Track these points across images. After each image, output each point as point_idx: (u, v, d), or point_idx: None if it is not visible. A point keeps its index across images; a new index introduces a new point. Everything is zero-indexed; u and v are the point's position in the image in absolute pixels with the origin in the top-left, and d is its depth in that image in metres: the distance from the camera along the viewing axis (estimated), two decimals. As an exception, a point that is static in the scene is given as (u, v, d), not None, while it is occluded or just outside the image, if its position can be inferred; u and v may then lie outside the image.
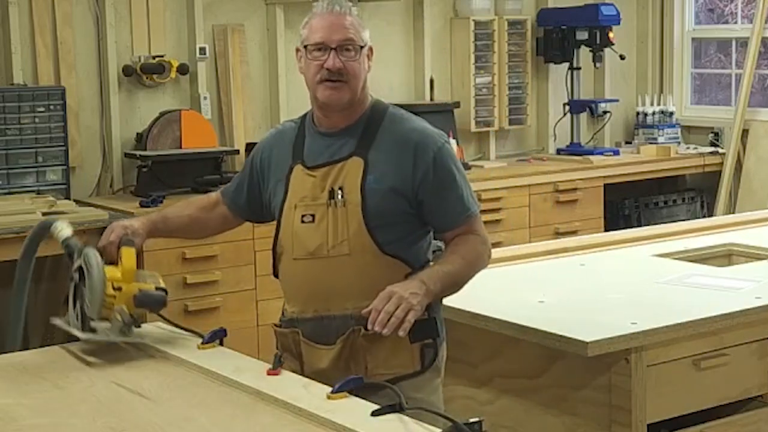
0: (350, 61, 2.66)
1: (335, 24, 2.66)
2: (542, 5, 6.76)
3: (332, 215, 2.65)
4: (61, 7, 5.24)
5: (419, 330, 2.63)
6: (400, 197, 2.65)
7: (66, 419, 2.27)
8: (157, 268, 4.80)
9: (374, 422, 2.16)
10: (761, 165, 6.66)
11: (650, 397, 2.93)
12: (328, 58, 2.65)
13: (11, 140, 4.97)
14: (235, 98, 5.70)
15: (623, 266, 3.77)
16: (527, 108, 6.69)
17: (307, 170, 2.70)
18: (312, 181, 2.69)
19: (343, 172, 2.67)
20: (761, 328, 3.16)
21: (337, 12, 2.68)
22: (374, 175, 2.65)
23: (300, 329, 2.73)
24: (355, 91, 2.68)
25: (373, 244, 2.64)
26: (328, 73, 2.65)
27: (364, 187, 2.64)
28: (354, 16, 2.70)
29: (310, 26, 2.70)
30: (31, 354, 2.92)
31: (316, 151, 2.73)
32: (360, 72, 2.68)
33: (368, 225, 2.63)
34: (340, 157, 2.69)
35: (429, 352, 2.70)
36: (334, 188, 2.66)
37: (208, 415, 2.27)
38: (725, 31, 7.17)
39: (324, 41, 2.65)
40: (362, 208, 2.63)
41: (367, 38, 2.72)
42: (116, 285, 2.62)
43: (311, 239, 2.67)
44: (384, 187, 2.64)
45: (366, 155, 2.67)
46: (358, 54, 2.67)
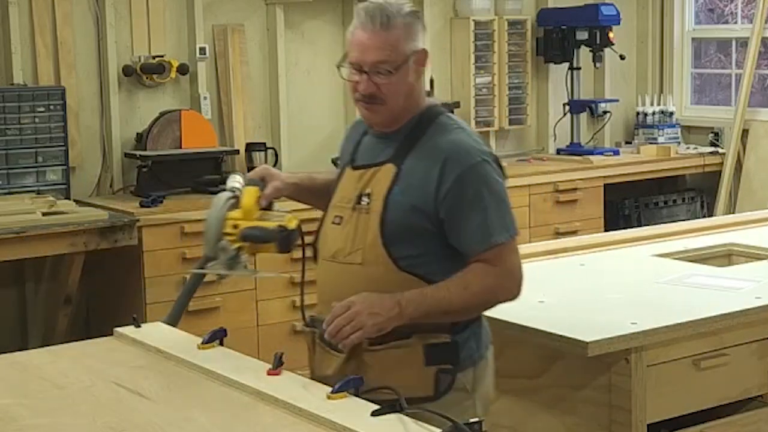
0: (385, 84, 2.52)
1: (370, 43, 2.50)
2: (542, 5, 6.76)
3: (355, 221, 2.56)
4: (61, 7, 5.24)
5: (435, 353, 2.51)
6: (420, 213, 2.50)
7: (66, 419, 2.27)
8: (157, 268, 4.87)
9: (374, 422, 2.16)
10: (761, 165, 6.66)
11: (650, 397, 2.93)
12: (361, 81, 2.54)
13: (11, 140, 4.97)
14: (235, 98, 5.70)
15: (623, 266, 3.77)
16: (527, 108, 6.68)
17: (353, 170, 2.64)
18: (352, 183, 2.61)
19: (375, 178, 2.57)
20: (761, 328, 3.16)
21: (375, 27, 2.50)
22: (400, 186, 2.52)
23: (318, 330, 2.63)
24: (393, 109, 2.56)
25: (388, 257, 2.51)
26: (361, 96, 2.56)
27: (388, 198, 2.52)
28: (397, 28, 2.51)
29: (351, 38, 2.56)
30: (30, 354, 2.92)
31: (364, 151, 2.66)
32: (398, 91, 2.53)
33: (384, 237, 2.51)
34: (377, 161, 2.59)
35: (445, 378, 2.53)
36: (363, 193, 2.57)
37: (208, 415, 2.27)
38: (725, 31, 7.17)
39: (357, 62, 2.53)
40: (381, 219, 2.52)
41: (414, 46, 2.54)
42: (236, 224, 2.62)
43: (334, 242, 2.60)
44: (405, 200, 2.51)
45: (401, 163, 2.54)
46: (395, 74, 2.51)
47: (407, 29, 2.54)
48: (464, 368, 2.57)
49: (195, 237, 4.97)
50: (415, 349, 2.51)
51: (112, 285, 5.09)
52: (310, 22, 5.92)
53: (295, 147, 5.95)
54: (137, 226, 4.76)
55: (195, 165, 5.37)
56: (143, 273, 4.87)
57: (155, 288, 4.88)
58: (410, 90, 2.56)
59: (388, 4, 2.53)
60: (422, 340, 2.51)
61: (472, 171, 2.49)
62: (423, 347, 2.51)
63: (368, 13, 2.51)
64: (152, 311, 4.79)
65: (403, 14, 2.53)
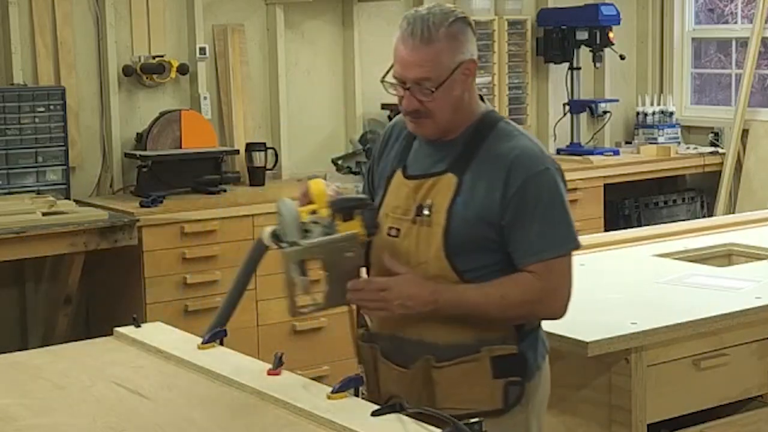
0: (428, 101, 2.42)
1: (411, 58, 2.40)
2: (542, 5, 6.76)
3: (416, 234, 2.46)
4: (61, 7, 5.24)
5: (505, 365, 2.45)
6: (485, 225, 2.42)
7: (66, 419, 2.27)
8: (157, 268, 4.87)
9: (374, 422, 2.16)
10: (761, 165, 6.66)
11: (650, 397, 2.93)
12: (405, 96, 2.45)
13: (11, 140, 4.96)
14: (235, 98, 5.70)
15: (623, 266, 3.77)
16: (527, 108, 6.68)
17: (405, 179, 2.53)
18: (406, 192, 2.50)
19: (435, 189, 2.46)
20: (761, 328, 3.17)
21: (415, 41, 2.39)
22: (463, 198, 2.43)
23: (377, 346, 2.58)
24: (441, 123, 2.46)
25: (453, 271, 2.43)
26: (405, 110, 2.47)
27: (451, 210, 2.43)
28: (440, 41, 2.39)
29: (395, 51, 2.46)
30: (31, 354, 2.92)
31: (417, 159, 2.54)
32: (443, 106, 2.43)
33: (448, 251, 2.42)
34: (435, 171, 2.48)
35: (515, 390, 2.46)
36: (423, 204, 2.46)
37: (208, 415, 2.27)
38: (725, 31, 7.17)
39: (399, 78, 2.45)
40: (444, 232, 2.42)
41: (460, 58, 2.42)
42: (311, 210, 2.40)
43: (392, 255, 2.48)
44: (470, 213, 2.42)
45: (462, 173, 2.45)
46: (438, 90, 2.41)
47: (451, 40, 2.41)
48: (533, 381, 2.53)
49: (195, 237, 4.98)
50: (483, 363, 2.45)
51: (112, 285, 5.09)
52: (310, 22, 5.92)
53: (295, 147, 5.95)
54: (137, 226, 4.75)
55: (195, 165, 5.36)
56: (143, 273, 4.86)
57: (155, 288, 4.88)
58: (458, 102, 2.46)
59: (432, 13, 2.41)
60: (489, 353, 2.45)
61: (538, 178, 2.41)
62: (490, 360, 2.45)
63: (410, 26, 2.40)
64: (152, 311, 4.79)
65: (448, 24, 2.41)
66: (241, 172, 5.61)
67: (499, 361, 2.45)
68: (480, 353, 2.45)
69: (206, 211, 5.05)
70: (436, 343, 2.46)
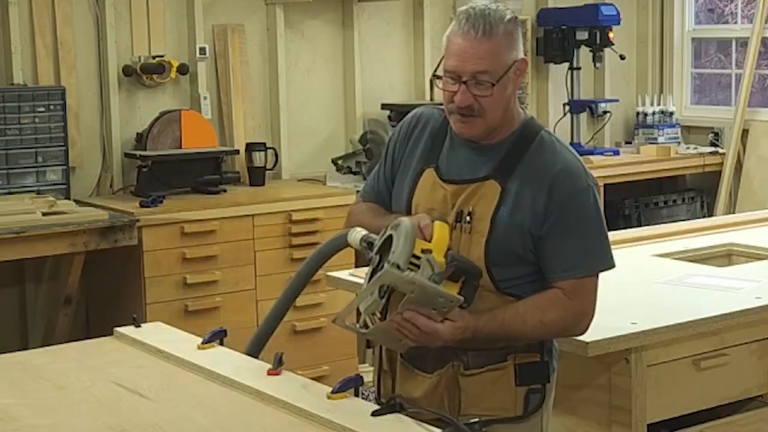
0: (483, 96, 2.38)
1: (470, 52, 2.36)
2: (542, 5, 6.76)
3: (455, 240, 2.41)
4: (61, 7, 5.24)
5: (528, 372, 2.47)
6: (527, 236, 2.40)
7: (66, 419, 2.27)
8: (157, 268, 4.87)
9: (374, 422, 2.17)
10: (761, 165, 6.66)
11: (650, 397, 2.93)
12: (458, 92, 2.38)
13: (11, 140, 4.96)
14: (235, 98, 5.70)
15: (623, 266, 3.75)
16: (527, 108, 6.68)
17: (441, 181, 2.47)
18: (443, 195, 2.45)
19: (477, 195, 2.42)
20: (761, 328, 3.17)
21: (476, 35, 2.35)
22: (507, 207, 2.39)
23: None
24: (491, 123, 2.42)
25: (490, 281, 2.40)
26: (458, 108, 2.41)
27: (495, 219, 2.39)
28: (499, 37, 2.37)
29: (447, 46, 2.41)
30: (31, 354, 2.92)
31: (454, 161, 2.48)
32: (497, 104, 2.39)
33: (488, 261, 2.39)
34: (477, 176, 2.44)
35: (535, 398, 2.48)
36: (464, 210, 2.42)
37: (208, 415, 2.27)
38: (725, 31, 7.16)
39: (455, 71, 2.38)
40: (487, 240, 2.39)
41: (515, 56, 2.40)
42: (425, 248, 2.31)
43: None
44: (513, 222, 2.39)
45: (505, 181, 2.41)
46: (495, 86, 2.37)
47: (509, 37, 2.40)
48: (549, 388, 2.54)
49: (195, 237, 4.97)
50: (508, 370, 2.46)
51: (112, 285, 5.08)
52: (310, 22, 5.92)
53: (295, 147, 5.95)
54: (137, 226, 4.75)
55: (195, 165, 5.36)
56: (143, 273, 4.86)
57: (155, 288, 4.88)
58: (508, 102, 2.44)
59: (491, 9, 2.39)
60: (514, 361, 2.46)
61: (580, 194, 2.40)
62: (514, 367, 2.46)
63: (470, 20, 2.37)
64: (152, 311, 4.79)
65: (506, 21, 2.39)
66: (241, 172, 5.61)
67: (523, 369, 2.46)
68: (506, 361, 2.46)
69: (206, 211, 5.04)
70: (465, 350, 2.45)
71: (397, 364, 2.54)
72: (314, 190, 5.49)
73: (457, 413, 2.42)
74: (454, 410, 2.43)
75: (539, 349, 2.49)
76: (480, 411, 2.42)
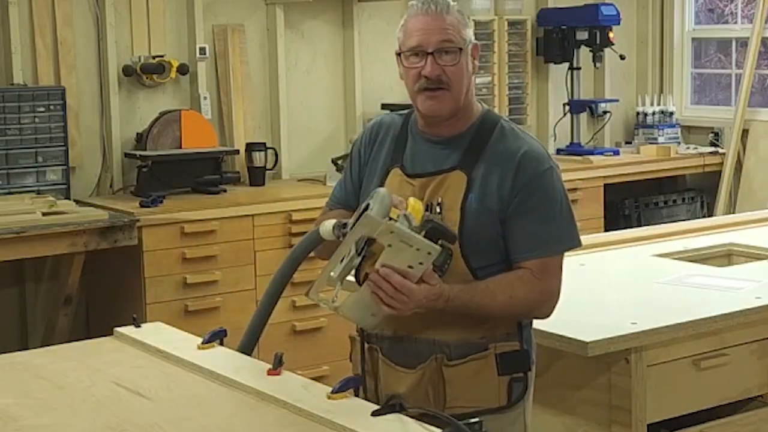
0: (450, 66, 2.44)
1: (432, 25, 2.44)
2: (542, 5, 6.76)
3: None
4: (61, 7, 5.24)
5: (509, 362, 2.49)
6: (496, 221, 2.45)
7: (66, 419, 2.27)
8: (157, 268, 4.87)
9: (374, 422, 2.17)
10: (761, 165, 6.66)
11: (650, 397, 2.93)
12: (426, 64, 2.44)
13: (11, 140, 4.96)
14: (235, 98, 5.70)
15: (623, 266, 3.77)
16: (527, 108, 6.68)
17: (407, 177, 2.52)
18: (411, 190, 2.48)
19: (443, 186, 2.47)
20: (761, 328, 3.17)
21: (434, 11, 2.45)
22: (475, 194, 2.44)
23: (378, 347, 2.57)
24: (458, 98, 2.47)
25: (467, 269, 2.44)
26: (426, 81, 2.45)
27: (464, 207, 2.44)
28: (454, 14, 2.47)
29: (406, 29, 2.49)
30: (31, 354, 2.92)
31: (418, 157, 2.53)
32: (462, 77, 2.47)
33: (463, 248, 2.43)
34: (442, 168, 2.49)
35: (518, 387, 2.51)
36: (433, 202, 2.46)
37: (208, 415, 2.27)
38: (725, 31, 7.16)
39: (420, 44, 2.44)
40: (459, 229, 2.42)
41: (471, 36, 2.50)
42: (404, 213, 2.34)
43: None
44: (483, 208, 2.44)
45: (470, 170, 2.46)
46: (458, 57, 2.45)
47: (462, 19, 2.49)
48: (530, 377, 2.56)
49: (195, 237, 4.98)
50: (490, 360, 2.48)
51: (112, 285, 5.09)
52: (310, 22, 5.92)
53: (295, 147, 5.95)
54: (137, 226, 4.76)
55: (195, 165, 5.37)
56: (143, 273, 4.86)
57: (155, 288, 4.88)
58: (469, 83, 2.50)
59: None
60: (495, 350, 2.48)
61: (543, 176, 2.46)
62: (496, 357, 2.48)
63: (422, 3, 2.47)
64: (152, 311, 4.79)
65: (455, 6, 2.51)
66: (241, 172, 5.61)
67: (504, 358, 2.48)
68: (488, 350, 2.48)
69: (206, 211, 5.05)
70: (447, 341, 2.47)
71: (379, 363, 2.56)
72: (314, 190, 5.49)
73: (442, 407, 2.44)
74: (439, 404, 2.45)
75: (518, 337, 2.52)
76: (465, 403, 2.45)
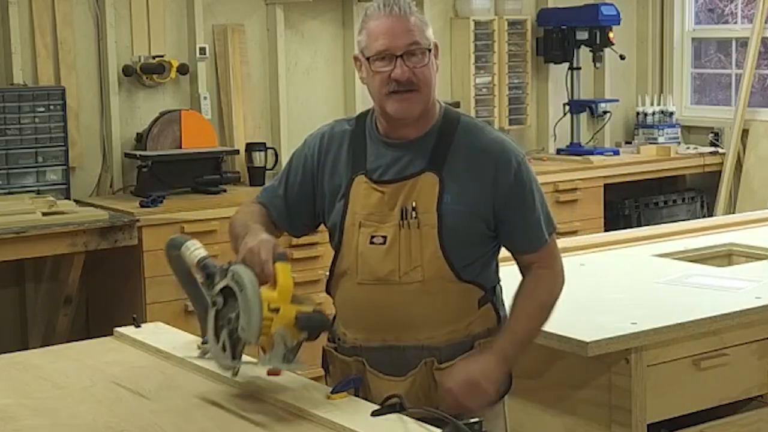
0: (419, 67, 2.41)
1: (397, 27, 2.40)
2: (542, 5, 6.76)
3: (405, 237, 2.42)
4: (61, 7, 5.24)
5: None
6: (479, 219, 2.44)
7: (66, 419, 2.27)
8: (157, 268, 4.86)
9: (374, 422, 2.17)
10: (761, 165, 6.66)
11: (650, 397, 2.93)
12: (395, 67, 2.39)
13: (11, 140, 4.96)
14: (235, 98, 5.70)
15: (623, 266, 3.77)
16: (527, 108, 6.68)
17: (373, 184, 2.47)
18: (379, 197, 2.45)
19: (416, 190, 2.43)
20: (761, 328, 3.17)
21: (398, 13, 2.41)
22: (451, 194, 2.42)
23: (365, 358, 2.51)
24: (428, 99, 2.45)
25: (449, 270, 2.43)
26: (397, 85, 2.40)
27: (440, 208, 2.41)
28: (417, 15, 2.44)
29: (368, 32, 2.44)
30: (31, 354, 2.92)
31: (382, 162, 2.48)
32: (429, 78, 2.43)
33: (444, 249, 2.41)
34: (412, 172, 2.45)
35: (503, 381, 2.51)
36: (407, 207, 2.42)
37: (208, 415, 2.27)
38: (725, 31, 7.17)
39: (388, 48, 2.40)
40: (439, 230, 2.41)
41: (432, 35, 2.47)
42: (273, 306, 2.26)
43: (382, 264, 2.43)
44: (462, 207, 2.42)
45: (440, 171, 2.43)
46: (426, 57, 2.42)
47: (423, 21, 2.47)
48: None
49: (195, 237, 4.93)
50: None
51: (112, 285, 5.08)
52: (310, 22, 5.92)
53: (295, 147, 5.91)
54: (137, 226, 4.76)
55: (195, 165, 5.37)
56: (143, 273, 4.86)
57: (155, 288, 4.88)
58: (434, 84, 2.48)
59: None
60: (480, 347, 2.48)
61: (522, 169, 2.49)
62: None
63: (386, 4, 2.43)
64: (152, 311, 4.79)
65: (415, 8, 2.47)
66: (241, 172, 5.61)
67: None
68: (473, 348, 2.48)
69: (206, 211, 5.04)
70: (437, 345, 2.46)
71: (367, 375, 2.51)
72: (314, 190, 5.47)
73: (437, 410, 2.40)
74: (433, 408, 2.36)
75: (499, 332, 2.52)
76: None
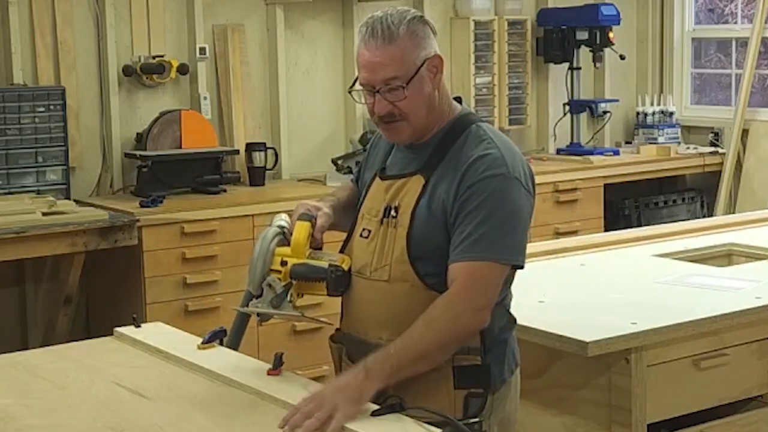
0: (399, 101, 2.39)
1: (376, 61, 2.37)
2: (542, 5, 6.76)
3: (382, 235, 2.45)
4: (61, 7, 5.24)
5: (467, 375, 2.39)
6: (441, 227, 2.39)
7: (66, 419, 2.27)
8: (157, 268, 4.87)
9: (374, 422, 2.16)
10: (761, 165, 6.66)
11: (650, 397, 2.93)
12: (375, 102, 2.41)
13: (11, 140, 4.96)
14: (235, 98, 5.70)
15: (623, 266, 3.77)
16: (527, 108, 6.68)
17: (381, 180, 2.52)
18: (380, 194, 2.50)
19: (403, 190, 2.45)
20: (761, 328, 3.17)
21: (377, 42, 2.36)
22: (426, 199, 2.41)
23: (345, 346, 2.55)
24: (417, 124, 2.43)
25: (414, 274, 2.39)
26: (379, 118, 2.44)
27: (415, 211, 2.41)
28: (401, 38, 2.37)
29: (358, 58, 2.43)
30: (31, 354, 2.92)
31: (394, 162, 2.54)
32: (416, 105, 2.41)
33: (411, 253, 2.39)
34: (406, 172, 2.48)
35: (475, 402, 2.41)
36: (391, 206, 2.45)
37: (208, 415, 2.27)
38: (725, 31, 7.17)
39: (368, 82, 2.40)
40: (408, 233, 2.40)
41: (424, 54, 2.40)
42: (284, 260, 2.45)
43: (361, 256, 2.48)
44: (430, 213, 2.40)
45: (429, 175, 2.43)
46: (408, 88, 2.38)
47: (413, 38, 2.39)
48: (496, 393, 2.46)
49: (195, 237, 4.98)
50: (445, 372, 2.39)
51: (112, 285, 5.09)
52: (310, 22, 5.92)
53: (295, 147, 5.96)
54: (137, 226, 4.76)
55: (195, 165, 5.37)
56: (143, 273, 4.86)
57: (155, 288, 4.88)
58: (431, 101, 2.44)
59: (389, 14, 2.40)
60: (452, 362, 2.39)
61: (488, 182, 2.36)
62: (452, 369, 2.40)
63: (368, 30, 2.39)
64: (152, 311, 4.79)
65: (406, 22, 2.39)
66: (241, 172, 5.61)
67: (461, 371, 2.39)
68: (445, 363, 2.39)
69: (206, 211, 5.05)
70: None
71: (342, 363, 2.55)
72: (314, 190, 5.48)
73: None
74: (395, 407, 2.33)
75: (481, 352, 2.41)
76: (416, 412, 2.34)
